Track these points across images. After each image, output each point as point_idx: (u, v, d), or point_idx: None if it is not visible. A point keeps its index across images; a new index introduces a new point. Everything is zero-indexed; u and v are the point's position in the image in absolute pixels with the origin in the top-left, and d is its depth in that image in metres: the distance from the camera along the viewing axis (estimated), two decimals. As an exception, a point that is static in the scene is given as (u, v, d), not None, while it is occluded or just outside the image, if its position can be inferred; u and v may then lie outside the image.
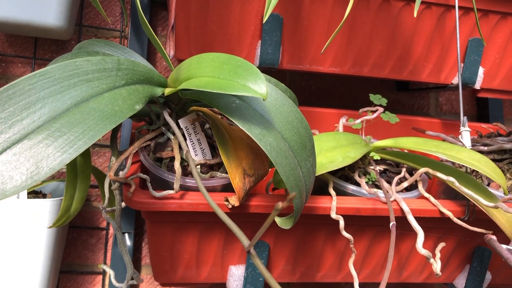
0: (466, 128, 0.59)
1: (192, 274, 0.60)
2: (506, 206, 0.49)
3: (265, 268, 0.27)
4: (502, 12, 0.70)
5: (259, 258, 0.26)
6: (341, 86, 0.90)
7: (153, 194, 0.48)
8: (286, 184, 0.41)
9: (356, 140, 0.57)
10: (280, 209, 0.23)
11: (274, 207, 0.23)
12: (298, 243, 0.59)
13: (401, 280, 0.67)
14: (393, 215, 0.50)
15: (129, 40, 0.79)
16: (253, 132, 0.40)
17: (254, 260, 0.27)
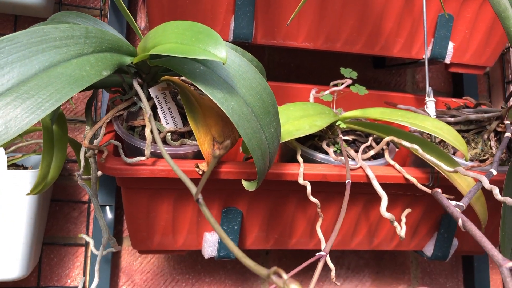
0: (431, 98, 0.61)
1: (169, 241, 0.62)
2: (464, 170, 0.51)
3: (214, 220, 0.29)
4: (471, -13, 0.72)
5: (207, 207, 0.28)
6: (319, 64, 0.91)
7: (125, 160, 0.50)
8: (248, 145, 0.43)
9: (324, 110, 0.59)
10: (218, 156, 0.25)
11: (212, 154, 0.25)
12: (270, 210, 0.61)
13: (372, 247, 0.70)
14: (349, 173, 0.52)
15: (108, 18, 0.80)
16: (216, 96, 0.42)
17: (202, 209, 0.29)
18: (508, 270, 0.28)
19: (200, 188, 0.28)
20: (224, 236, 0.29)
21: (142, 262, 0.79)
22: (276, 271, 0.24)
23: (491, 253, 0.32)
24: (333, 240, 0.37)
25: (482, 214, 0.57)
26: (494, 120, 0.64)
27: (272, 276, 0.24)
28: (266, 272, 0.24)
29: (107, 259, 0.75)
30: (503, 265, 0.29)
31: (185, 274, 0.81)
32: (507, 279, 0.28)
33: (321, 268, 0.35)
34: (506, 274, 0.28)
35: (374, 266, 0.89)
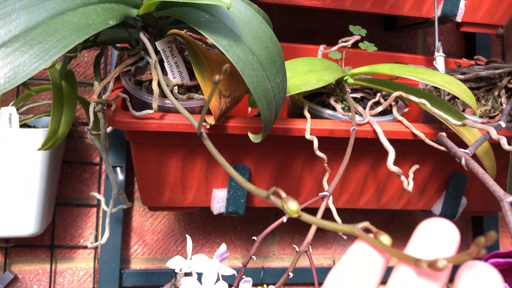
0: (440, 53, 0.60)
1: (178, 198, 0.63)
2: (471, 122, 0.51)
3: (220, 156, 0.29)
4: None
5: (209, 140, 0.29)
6: (329, 26, 0.90)
7: (133, 114, 0.51)
8: (253, 94, 0.43)
9: (332, 66, 0.59)
10: (218, 81, 0.25)
11: (212, 79, 0.25)
12: (278, 167, 0.62)
13: (380, 206, 0.70)
14: (355, 121, 0.52)
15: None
16: (221, 43, 0.42)
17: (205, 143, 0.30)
18: (509, 204, 0.29)
19: (201, 120, 0.28)
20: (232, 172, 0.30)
21: (153, 222, 0.81)
22: (275, 191, 0.24)
23: (493, 188, 0.32)
24: (336, 182, 0.37)
25: (490, 168, 0.57)
26: (505, 77, 0.64)
27: (271, 196, 0.24)
28: (265, 194, 0.25)
29: (119, 219, 0.76)
30: (504, 199, 0.29)
31: (195, 234, 0.82)
32: (507, 212, 0.28)
33: (324, 208, 0.36)
34: (507, 208, 0.28)
35: (383, 229, 0.90)
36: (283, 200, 0.24)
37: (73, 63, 0.80)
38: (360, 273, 0.21)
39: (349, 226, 0.22)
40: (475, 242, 0.18)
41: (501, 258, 0.22)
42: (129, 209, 0.80)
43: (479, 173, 0.35)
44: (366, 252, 0.22)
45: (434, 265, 0.19)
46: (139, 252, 0.80)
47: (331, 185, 0.37)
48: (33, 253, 0.76)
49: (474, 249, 0.18)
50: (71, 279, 0.78)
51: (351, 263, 0.22)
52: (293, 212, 0.23)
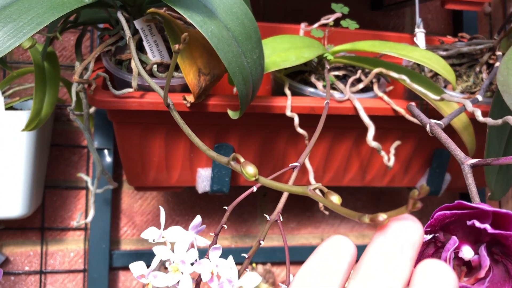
0: (420, 29, 0.60)
1: (163, 177, 0.64)
2: (449, 96, 0.51)
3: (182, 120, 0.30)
4: None
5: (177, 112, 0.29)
6: (317, 6, 0.90)
7: (113, 92, 0.51)
8: (228, 69, 0.43)
9: (313, 44, 0.59)
10: (177, 50, 0.25)
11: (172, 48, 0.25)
12: (261, 146, 0.62)
13: (365, 183, 0.71)
14: (329, 95, 0.52)
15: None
16: (195, 19, 0.42)
17: (172, 114, 0.30)
18: (469, 166, 0.29)
19: (166, 92, 0.29)
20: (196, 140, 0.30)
21: (142, 204, 0.82)
22: (234, 156, 0.25)
23: (454, 152, 0.32)
24: (307, 152, 0.38)
25: (470, 143, 0.57)
26: (486, 52, 0.64)
27: (231, 162, 0.25)
28: (225, 160, 0.25)
29: (107, 200, 0.77)
30: (464, 162, 0.30)
31: (184, 215, 0.83)
32: (467, 175, 0.29)
33: (295, 177, 0.37)
34: (467, 171, 0.29)
35: (371, 207, 0.91)
36: (242, 165, 0.24)
37: (60, 46, 0.80)
38: (326, 273, 0.21)
39: (303, 187, 0.23)
40: (409, 195, 0.19)
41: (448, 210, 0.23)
42: (118, 191, 0.81)
43: (442, 138, 0.35)
44: (333, 252, 0.22)
45: (375, 219, 0.20)
46: (128, 233, 0.81)
47: (302, 156, 0.38)
48: (24, 235, 0.77)
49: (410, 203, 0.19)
50: (62, 260, 0.79)
51: (318, 264, 0.22)
52: (250, 176, 0.24)
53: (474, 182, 0.28)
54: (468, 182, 0.28)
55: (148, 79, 0.36)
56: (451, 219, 0.24)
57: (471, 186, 0.28)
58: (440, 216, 0.23)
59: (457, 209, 0.23)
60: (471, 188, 0.28)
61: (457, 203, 0.23)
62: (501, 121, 0.42)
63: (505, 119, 0.41)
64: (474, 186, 0.28)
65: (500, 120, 0.42)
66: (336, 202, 0.22)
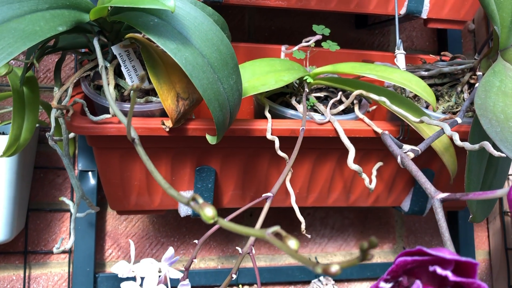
0: (400, 51, 0.61)
1: (145, 201, 0.63)
2: (429, 119, 0.51)
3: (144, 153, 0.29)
4: None
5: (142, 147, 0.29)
6: (300, 26, 0.91)
7: (91, 119, 0.51)
8: (203, 96, 0.43)
9: (293, 66, 0.59)
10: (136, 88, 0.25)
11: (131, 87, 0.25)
12: (244, 168, 0.62)
13: (349, 203, 0.70)
14: (305, 122, 0.52)
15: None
16: (169, 47, 0.42)
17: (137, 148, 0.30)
18: (439, 201, 0.29)
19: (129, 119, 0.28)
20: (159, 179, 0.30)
21: (127, 226, 0.81)
22: (194, 197, 0.24)
23: (425, 186, 0.32)
24: (280, 182, 0.37)
25: (451, 165, 0.57)
26: (467, 72, 0.64)
27: (191, 202, 0.24)
28: (185, 200, 0.25)
29: (91, 223, 0.76)
30: (434, 196, 0.29)
31: (170, 236, 0.82)
32: (437, 209, 0.29)
33: (267, 208, 0.36)
34: (437, 205, 0.29)
35: (359, 225, 0.90)
36: (200, 207, 0.24)
37: (43, 68, 0.80)
38: None
39: (261, 231, 0.23)
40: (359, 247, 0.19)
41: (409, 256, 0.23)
42: (103, 213, 0.80)
43: (413, 171, 0.35)
44: None
45: (327, 270, 0.19)
46: (113, 256, 0.80)
47: (275, 186, 0.38)
48: (6, 259, 0.76)
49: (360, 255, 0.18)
50: (45, 284, 0.78)
51: None
52: (208, 218, 0.23)
53: (444, 217, 0.28)
54: (438, 218, 0.28)
55: (115, 109, 0.36)
56: (413, 265, 0.23)
57: (441, 221, 0.28)
58: (401, 262, 0.23)
59: (418, 255, 0.23)
60: (441, 223, 0.28)
61: (417, 249, 0.23)
62: (478, 146, 0.42)
63: (481, 144, 0.41)
64: (444, 221, 0.28)
65: (477, 145, 0.42)
66: (293, 247, 0.21)
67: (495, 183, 0.55)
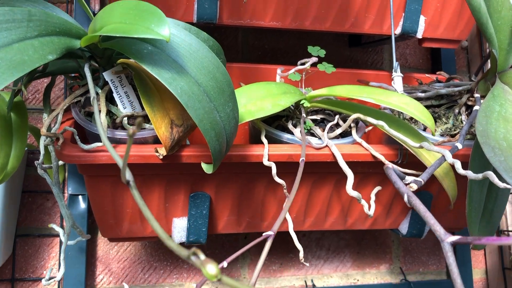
0: (398, 73, 0.60)
1: (137, 228, 0.61)
2: (428, 145, 0.50)
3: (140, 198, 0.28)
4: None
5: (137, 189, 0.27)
6: (294, 45, 0.90)
7: (82, 147, 0.49)
8: (199, 126, 0.42)
9: (289, 90, 0.58)
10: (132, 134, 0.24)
11: (127, 133, 0.24)
12: (240, 193, 0.60)
13: (347, 227, 0.69)
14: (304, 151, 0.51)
15: (74, 3, 0.78)
16: (163, 77, 0.41)
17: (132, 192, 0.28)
18: (449, 244, 0.28)
19: (125, 167, 0.27)
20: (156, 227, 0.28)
21: (118, 250, 0.79)
22: (194, 252, 0.23)
23: (434, 228, 0.31)
24: (281, 220, 0.36)
25: (451, 190, 0.56)
26: (464, 94, 0.63)
27: (192, 257, 0.23)
28: (186, 254, 0.23)
29: (82, 248, 0.74)
30: (444, 240, 0.28)
31: (162, 260, 0.80)
32: (448, 253, 0.27)
33: (268, 248, 0.35)
34: (447, 249, 0.28)
35: (355, 246, 0.89)
36: (202, 263, 0.22)
37: (32, 89, 0.78)
38: None
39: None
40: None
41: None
42: (94, 237, 0.78)
43: (421, 211, 0.34)
44: None
45: None
46: (105, 281, 0.78)
47: (276, 223, 0.36)
48: (-7, 287, 0.74)
49: None
50: (34, 313, 0.75)
51: None
52: (211, 277, 0.22)
53: (455, 261, 0.27)
54: (449, 262, 0.27)
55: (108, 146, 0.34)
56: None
57: (452, 266, 0.26)
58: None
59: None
60: (452, 268, 0.26)
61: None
62: (482, 176, 0.41)
63: (485, 174, 0.40)
64: (456, 266, 0.27)
65: (480, 174, 0.41)
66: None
67: (496, 210, 0.54)
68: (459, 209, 0.67)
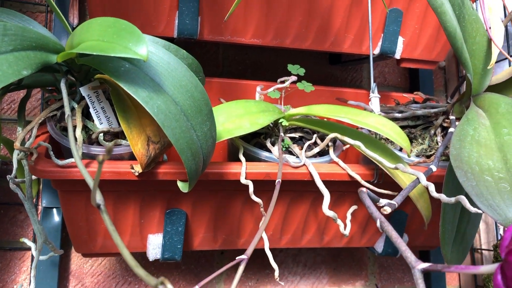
0: (375, 94, 0.60)
1: (112, 244, 0.60)
2: (403, 167, 0.51)
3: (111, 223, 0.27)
4: (420, -17, 0.71)
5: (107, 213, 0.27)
6: (275, 60, 0.90)
7: (56, 163, 0.49)
8: (175, 146, 0.42)
9: (268, 108, 0.58)
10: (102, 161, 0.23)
11: (97, 159, 0.23)
12: (216, 210, 0.60)
13: (323, 245, 0.69)
14: (281, 172, 0.51)
15: (54, 15, 0.77)
16: (140, 95, 0.40)
17: (102, 215, 0.28)
18: (420, 271, 0.28)
19: (95, 191, 0.27)
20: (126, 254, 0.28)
21: (93, 264, 0.77)
22: (162, 281, 0.23)
23: (405, 254, 0.31)
24: (255, 243, 0.36)
25: (425, 211, 0.57)
26: (440, 115, 0.65)
27: (160, 286, 0.23)
28: (154, 283, 0.23)
29: (55, 262, 0.72)
30: (415, 267, 0.29)
31: (137, 276, 0.79)
32: (418, 281, 0.28)
33: (241, 272, 0.34)
34: (418, 276, 0.28)
35: (331, 262, 0.89)
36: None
37: (8, 99, 0.77)
38: None
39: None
40: None
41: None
42: (67, 251, 0.77)
43: (393, 237, 0.34)
44: None
45: None
46: (77, 297, 0.77)
47: (250, 246, 0.36)
48: (-40, 302, 0.72)
49: None
50: (2, 328, 0.73)
51: None
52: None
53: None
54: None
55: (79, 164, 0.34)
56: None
57: (421, 294, 0.27)
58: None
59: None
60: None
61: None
62: (454, 200, 0.41)
63: (457, 198, 0.41)
64: (424, 294, 0.27)
65: (453, 198, 0.42)
66: None
67: (468, 232, 0.55)
68: (434, 227, 0.68)
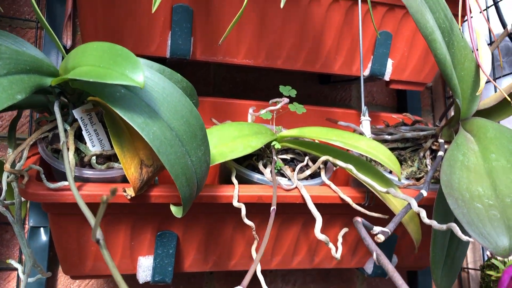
0: (366, 117, 0.61)
1: (102, 266, 0.60)
2: (395, 191, 0.51)
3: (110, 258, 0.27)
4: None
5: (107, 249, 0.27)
6: (265, 79, 0.91)
7: (47, 186, 0.48)
8: (170, 172, 0.41)
9: (261, 130, 0.59)
10: (106, 201, 0.23)
11: (101, 199, 0.23)
12: (208, 232, 0.60)
13: (314, 265, 0.69)
14: (275, 199, 0.52)
15: (44, 32, 0.77)
16: (136, 122, 0.40)
17: (102, 251, 0.28)
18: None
19: (97, 226, 0.26)
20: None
21: (80, 285, 0.76)
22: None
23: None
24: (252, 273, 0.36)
25: (415, 234, 0.57)
26: (429, 138, 0.65)
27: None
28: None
29: (41, 283, 0.71)
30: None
31: (125, 296, 0.78)
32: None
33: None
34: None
35: (321, 282, 0.89)
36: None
37: (-4, 116, 0.76)
38: None
39: None
40: None
41: None
42: (54, 271, 0.75)
43: (389, 271, 0.34)
44: None
45: None
46: (64, 318, 0.75)
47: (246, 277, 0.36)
48: None
49: None
50: None
51: None
52: None
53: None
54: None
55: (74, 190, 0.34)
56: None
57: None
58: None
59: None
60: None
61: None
62: (446, 227, 0.42)
63: (449, 226, 0.41)
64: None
65: (444, 225, 0.42)
66: None
67: (457, 256, 0.55)
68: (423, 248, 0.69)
